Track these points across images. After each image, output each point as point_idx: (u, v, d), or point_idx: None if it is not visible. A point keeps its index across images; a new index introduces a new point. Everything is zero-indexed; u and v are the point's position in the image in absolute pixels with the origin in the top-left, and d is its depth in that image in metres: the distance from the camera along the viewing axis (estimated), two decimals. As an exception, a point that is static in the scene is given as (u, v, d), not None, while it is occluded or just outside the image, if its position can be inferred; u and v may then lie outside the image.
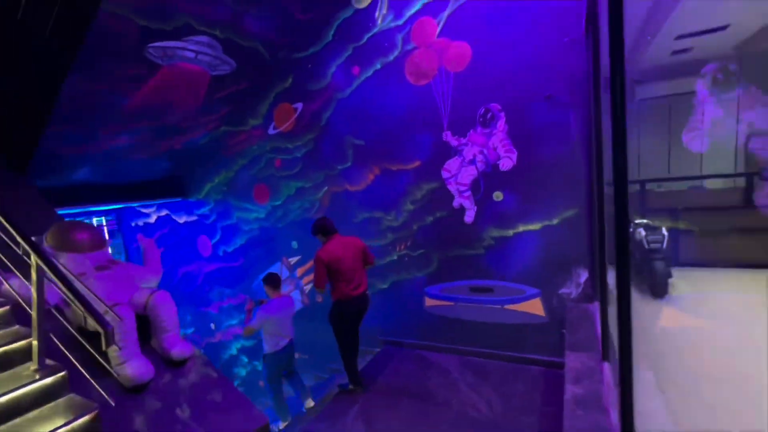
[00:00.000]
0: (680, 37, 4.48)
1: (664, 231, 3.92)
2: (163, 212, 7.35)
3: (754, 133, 5.46)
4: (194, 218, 6.86)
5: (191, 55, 4.31)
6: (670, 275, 3.75)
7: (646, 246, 3.91)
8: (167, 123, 5.31)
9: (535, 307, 4.09)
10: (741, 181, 4.71)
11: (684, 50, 5.24)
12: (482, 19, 3.92)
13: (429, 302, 4.74)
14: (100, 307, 2.26)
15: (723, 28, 4.35)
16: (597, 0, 3.10)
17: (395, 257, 4.88)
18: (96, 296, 2.36)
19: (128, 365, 2.44)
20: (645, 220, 4.26)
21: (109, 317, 2.33)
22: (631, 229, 4.53)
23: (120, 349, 2.43)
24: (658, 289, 3.77)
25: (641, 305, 3.72)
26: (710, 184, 5.06)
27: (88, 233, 3.00)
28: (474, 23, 3.97)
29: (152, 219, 7.54)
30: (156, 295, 2.77)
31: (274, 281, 4.10)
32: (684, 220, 4.34)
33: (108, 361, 2.46)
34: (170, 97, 4.83)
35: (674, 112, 6.05)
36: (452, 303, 4.57)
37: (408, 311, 4.89)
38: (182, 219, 7.05)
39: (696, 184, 5.10)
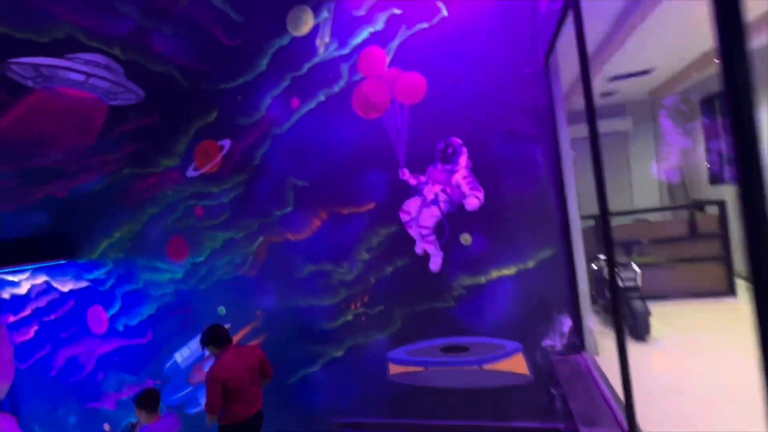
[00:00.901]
0: (614, 78, 4.70)
1: (635, 267, 3.75)
2: (40, 279, 5.68)
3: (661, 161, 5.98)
4: (84, 284, 5.36)
5: (79, 77, 3.36)
6: (649, 313, 3.52)
7: (621, 284, 3.69)
8: (44, 165, 4.11)
9: (517, 364, 3.57)
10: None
11: (610, 93, 5.61)
12: (436, 49, 3.64)
13: (393, 369, 3.97)
14: None
15: (648, 71, 4.65)
16: (557, 34, 2.98)
17: (350, 317, 4.09)
18: None
19: None
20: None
21: None
22: (595, 266, 4.36)
23: None
24: (641, 330, 3.50)
25: (629, 351, 3.38)
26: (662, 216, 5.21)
27: None
28: (427, 53, 3.68)
29: (23, 289, 5.79)
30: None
31: (149, 401, 3.02)
32: (639, 253, 4.27)
33: None
34: (49, 131, 3.73)
35: (606, 150, 6.41)
36: (422, 368, 3.86)
37: (368, 383, 4.04)
38: (67, 286, 5.48)
39: (640, 218, 5.23)
